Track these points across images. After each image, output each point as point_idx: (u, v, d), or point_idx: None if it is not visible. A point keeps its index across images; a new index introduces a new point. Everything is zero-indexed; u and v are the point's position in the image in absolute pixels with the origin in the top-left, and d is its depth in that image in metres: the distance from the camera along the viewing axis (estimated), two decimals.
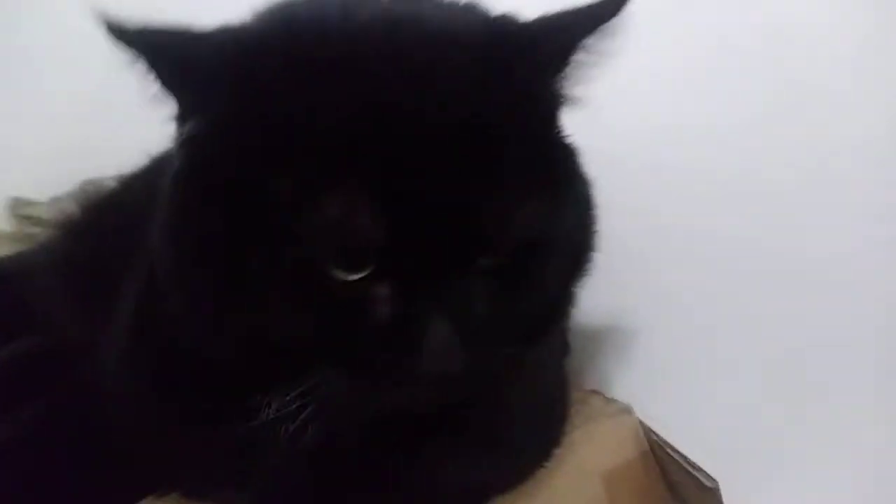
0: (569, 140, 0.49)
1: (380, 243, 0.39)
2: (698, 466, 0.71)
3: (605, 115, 0.52)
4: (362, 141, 0.39)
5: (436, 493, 0.53)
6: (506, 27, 0.46)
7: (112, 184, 1.38)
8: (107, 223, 0.73)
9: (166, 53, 0.41)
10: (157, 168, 0.77)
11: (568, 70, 0.46)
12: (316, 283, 0.40)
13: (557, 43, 0.45)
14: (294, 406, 0.42)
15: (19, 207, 1.28)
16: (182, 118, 0.44)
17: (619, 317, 0.84)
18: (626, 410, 0.77)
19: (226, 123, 0.42)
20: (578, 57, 0.46)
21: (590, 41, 0.45)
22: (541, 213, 0.43)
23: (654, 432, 0.76)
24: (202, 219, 0.43)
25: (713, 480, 0.70)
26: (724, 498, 0.69)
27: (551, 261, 0.45)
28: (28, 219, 1.23)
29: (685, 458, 0.73)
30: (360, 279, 0.40)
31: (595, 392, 0.78)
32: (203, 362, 0.46)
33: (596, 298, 0.55)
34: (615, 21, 0.45)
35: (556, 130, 0.48)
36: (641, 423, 0.76)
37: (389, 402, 0.43)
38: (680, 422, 0.74)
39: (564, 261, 0.47)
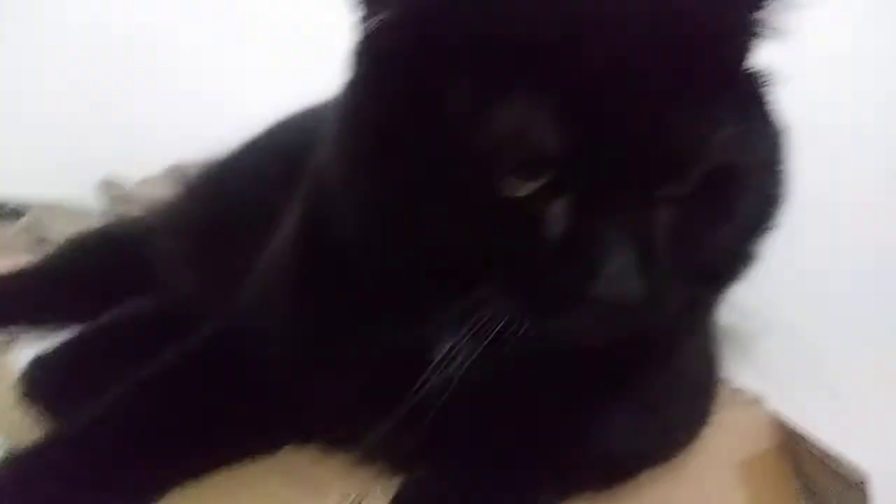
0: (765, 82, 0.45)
1: (559, 153, 0.36)
2: (844, 460, 0.67)
3: None
4: (550, 44, 0.37)
5: (587, 459, 0.50)
6: None
7: (196, 170, 1.40)
8: (229, 186, 0.72)
9: None
10: (272, 134, 0.76)
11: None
12: (490, 194, 0.38)
13: None
14: (462, 334, 0.40)
15: (109, 189, 1.30)
16: (365, 17, 0.42)
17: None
18: (757, 401, 0.73)
19: (407, 19, 0.40)
20: None
21: None
22: (734, 141, 0.39)
23: (788, 425, 0.72)
24: (377, 126, 0.41)
25: (861, 475, 0.66)
26: None
27: (740, 195, 0.41)
28: (118, 198, 1.24)
29: (827, 452, 0.68)
30: (537, 191, 0.37)
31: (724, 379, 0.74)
32: (374, 284, 0.43)
33: None
34: None
35: (754, 65, 0.44)
36: (773, 414, 0.73)
37: (565, 328, 0.39)
38: None
39: (754, 203, 0.43)
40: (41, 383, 0.56)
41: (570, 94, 0.36)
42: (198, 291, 0.67)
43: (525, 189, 0.38)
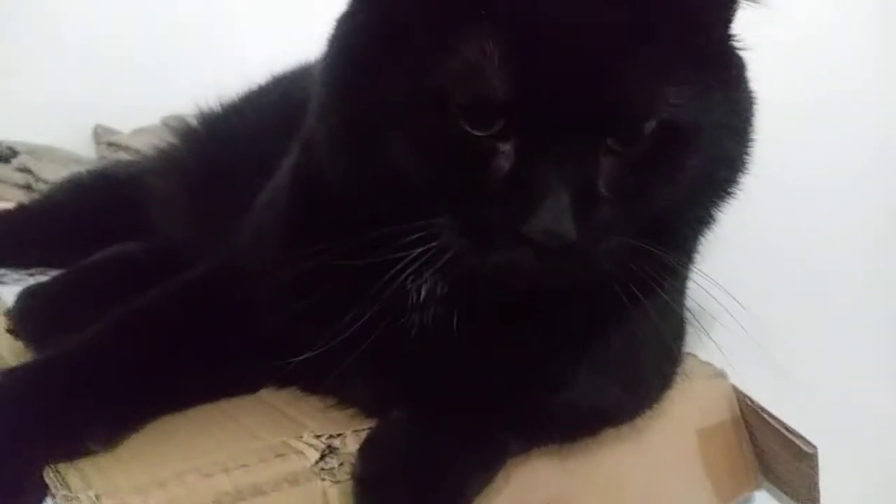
0: (738, 49, 0.46)
1: (506, 96, 0.38)
2: (797, 432, 0.70)
3: None
4: None
5: (552, 409, 0.52)
6: None
7: (193, 120, 1.39)
8: (226, 132, 0.73)
9: None
10: (277, 84, 0.77)
11: None
12: (446, 128, 0.39)
13: None
14: (419, 264, 0.41)
15: (103, 135, 1.29)
16: None
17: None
18: (721, 374, 0.75)
19: None
20: None
21: None
22: (686, 98, 0.40)
23: (748, 398, 0.74)
24: (353, 56, 0.43)
25: (812, 446, 0.68)
26: None
27: (690, 156, 0.42)
28: (111, 146, 1.23)
29: (782, 423, 0.71)
30: (489, 127, 0.39)
31: (690, 353, 0.76)
32: (349, 216, 0.44)
33: None
34: None
35: (727, 31, 0.45)
36: (735, 388, 0.75)
37: (503, 264, 0.40)
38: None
39: (706, 163, 0.43)
40: (29, 316, 0.56)
41: (519, 40, 0.37)
42: (190, 234, 0.68)
43: (476, 126, 0.39)
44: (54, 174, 1.10)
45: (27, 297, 0.58)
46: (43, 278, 0.79)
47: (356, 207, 0.44)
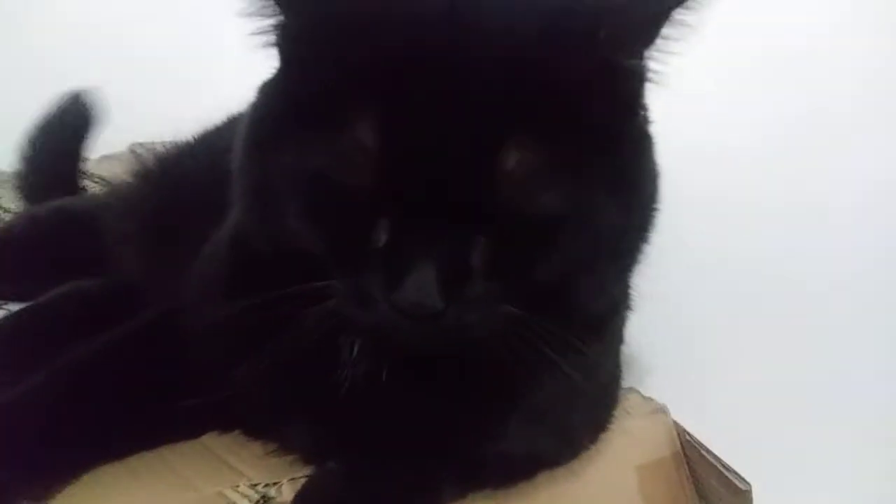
0: (640, 124, 0.47)
1: (378, 182, 0.40)
2: (732, 469, 0.72)
3: None
4: (388, 77, 0.40)
5: (485, 457, 0.53)
6: None
7: (161, 148, 1.39)
8: (181, 175, 0.73)
9: None
10: (231, 126, 0.77)
11: (650, 43, 0.44)
12: (329, 204, 0.43)
13: (637, 14, 0.43)
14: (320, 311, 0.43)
15: None
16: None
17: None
18: (662, 410, 0.77)
19: (290, 27, 0.45)
20: (663, 31, 0.44)
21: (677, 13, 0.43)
22: (563, 189, 0.42)
23: (687, 433, 0.76)
24: (258, 121, 0.47)
25: (746, 483, 0.70)
26: None
27: (567, 240, 0.43)
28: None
29: (719, 459, 0.73)
30: (366, 206, 0.41)
31: (633, 389, 0.78)
32: (267, 267, 0.48)
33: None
34: None
35: (624, 109, 0.46)
36: (675, 423, 0.77)
37: (382, 327, 0.42)
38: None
39: (587, 241, 0.44)
40: None
41: (391, 132, 0.40)
42: (143, 275, 0.68)
43: (354, 204, 0.42)
44: (16, 201, 1.09)
45: None
46: None
47: (270, 266, 0.47)
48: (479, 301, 0.42)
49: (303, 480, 0.50)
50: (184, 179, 0.72)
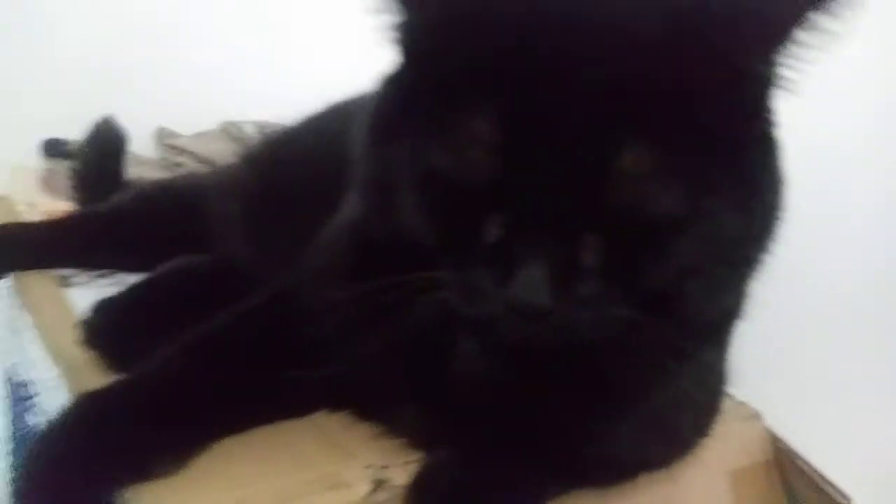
0: (766, 129, 0.45)
1: (494, 179, 0.40)
2: (830, 480, 0.69)
3: None
4: (510, 75, 0.40)
5: (592, 458, 0.53)
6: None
7: (251, 127, 1.42)
8: (288, 160, 0.75)
9: None
10: (335, 113, 0.78)
11: (781, 48, 0.41)
12: (443, 198, 0.43)
13: (771, 16, 0.41)
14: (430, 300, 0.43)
15: (164, 137, 1.33)
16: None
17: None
18: (756, 416, 0.75)
19: (413, 25, 0.45)
20: (797, 35, 0.41)
21: (814, 16, 0.40)
22: (680, 195, 0.40)
23: (782, 441, 0.74)
24: (383, 116, 0.47)
25: (846, 497, 0.68)
26: None
27: (683, 245, 0.42)
28: (172, 148, 1.27)
29: (816, 470, 0.71)
30: (480, 201, 0.41)
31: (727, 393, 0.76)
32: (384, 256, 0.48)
33: None
34: None
35: (748, 114, 0.44)
36: (770, 430, 0.75)
37: (489, 321, 0.42)
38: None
39: (706, 251, 0.43)
40: (101, 330, 0.59)
41: (510, 130, 0.40)
42: (248, 254, 0.70)
43: (469, 199, 0.42)
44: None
45: (99, 310, 0.61)
46: (107, 281, 0.84)
47: (388, 253, 0.47)
48: (589, 301, 0.41)
49: (414, 465, 0.51)
50: (291, 165, 0.73)
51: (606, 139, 0.39)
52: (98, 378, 0.56)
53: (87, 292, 0.80)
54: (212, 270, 0.70)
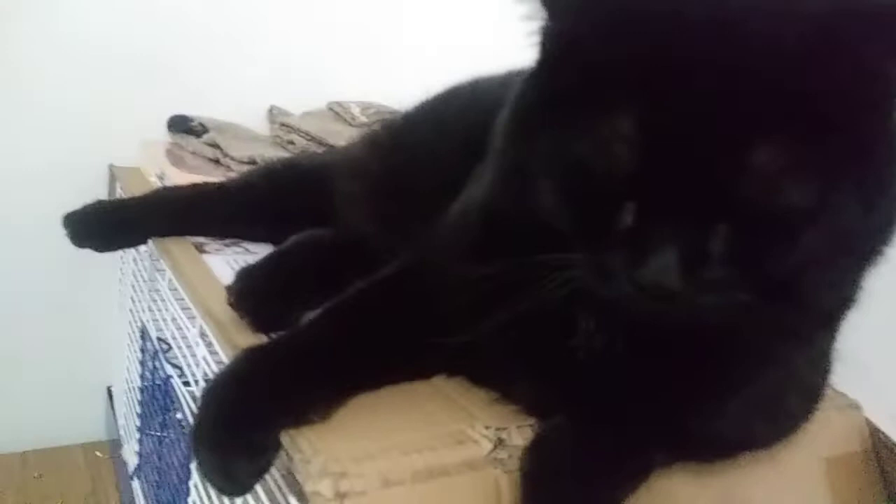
0: (894, 128, 0.46)
1: (632, 170, 0.43)
2: None
3: None
4: (651, 73, 0.42)
5: (700, 434, 0.56)
6: (857, 4, 0.43)
7: (356, 108, 1.48)
8: (410, 144, 0.80)
9: None
10: (450, 98, 0.82)
11: None
12: (582, 187, 0.46)
13: None
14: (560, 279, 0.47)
15: (277, 116, 1.41)
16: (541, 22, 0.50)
17: None
18: (855, 406, 0.76)
19: (561, 30, 0.48)
20: None
21: None
22: (808, 190, 0.42)
23: (881, 432, 0.74)
24: (525, 110, 0.51)
25: None
26: None
27: (807, 236, 0.43)
28: (283, 126, 1.35)
29: None
30: (618, 190, 0.44)
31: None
32: (515, 237, 0.51)
33: None
34: None
35: (881, 113, 0.45)
36: (869, 421, 0.75)
37: (618, 300, 0.46)
38: None
39: (829, 243, 0.45)
40: (247, 293, 0.66)
41: (649, 124, 0.42)
42: (373, 231, 0.76)
43: (607, 188, 0.45)
44: (238, 150, 1.22)
45: (244, 277, 0.67)
46: (238, 249, 0.91)
47: (517, 235, 0.51)
48: (714, 285, 0.44)
49: (528, 428, 0.55)
50: (411, 149, 0.78)
51: (740, 137, 0.41)
52: (244, 336, 0.63)
53: (220, 258, 0.88)
54: (337, 244, 0.76)
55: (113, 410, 1.36)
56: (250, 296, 0.66)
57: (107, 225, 0.93)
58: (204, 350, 0.74)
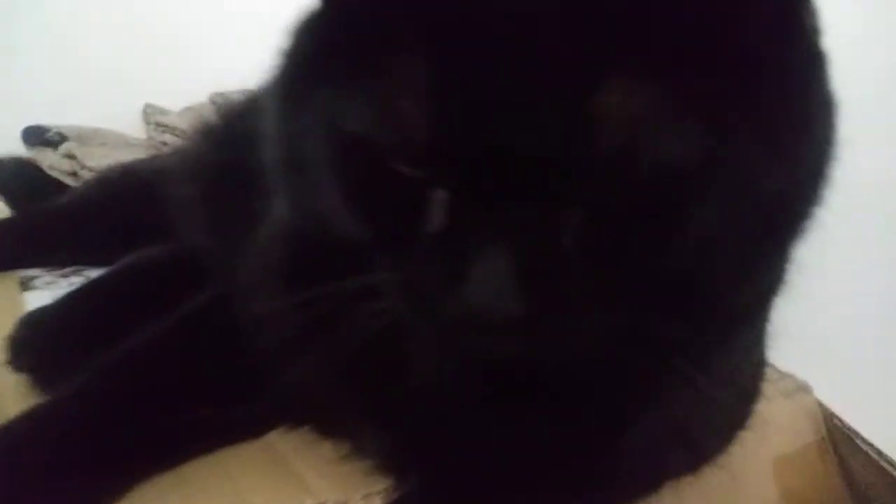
0: (806, 42, 0.33)
1: (430, 136, 0.29)
2: (887, 456, 0.58)
3: None
4: (431, 9, 0.29)
5: (598, 478, 0.42)
6: None
7: (240, 97, 1.32)
8: (243, 132, 0.64)
9: None
10: None
11: None
12: (370, 170, 0.32)
13: None
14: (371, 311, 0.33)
15: (151, 115, 1.24)
16: None
17: None
18: (804, 388, 0.64)
19: None
20: None
21: None
22: (691, 139, 0.28)
23: (835, 416, 0.63)
24: (283, 85, 0.37)
25: None
26: None
27: (700, 207, 0.30)
28: (160, 126, 1.18)
29: (877, 449, 0.59)
30: (417, 174, 0.31)
31: (769, 364, 0.64)
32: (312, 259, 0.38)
33: None
34: None
35: (781, 23, 0.32)
36: (821, 405, 0.63)
37: (445, 337, 0.33)
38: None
39: (734, 213, 0.31)
40: (29, 347, 0.50)
41: (444, 68, 0.29)
42: (205, 240, 0.61)
43: (406, 171, 0.31)
44: (99, 160, 1.05)
45: (28, 324, 0.52)
46: (76, 279, 0.76)
47: (324, 255, 0.36)
48: (576, 299, 0.30)
49: (377, 498, 0.41)
50: (244, 136, 0.63)
51: (581, 71, 0.27)
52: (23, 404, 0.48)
53: (50, 294, 0.73)
54: (166, 265, 0.61)
55: None
56: (35, 348, 0.51)
57: None
58: None
